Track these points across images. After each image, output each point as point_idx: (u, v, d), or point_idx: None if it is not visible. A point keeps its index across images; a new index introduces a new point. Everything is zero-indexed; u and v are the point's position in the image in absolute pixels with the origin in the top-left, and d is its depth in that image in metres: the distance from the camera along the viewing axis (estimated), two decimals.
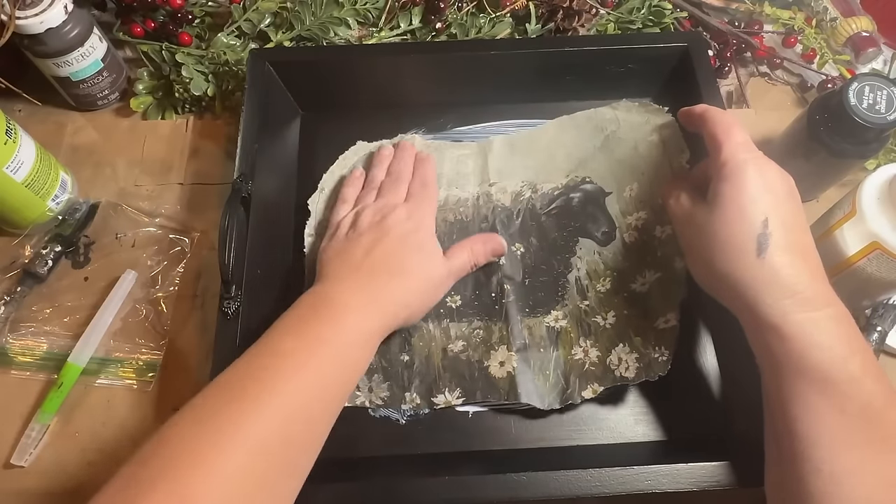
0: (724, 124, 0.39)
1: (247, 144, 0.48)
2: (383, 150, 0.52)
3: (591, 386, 0.44)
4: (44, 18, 0.49)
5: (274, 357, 0.36)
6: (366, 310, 0.40)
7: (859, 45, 0.60)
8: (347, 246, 0.43)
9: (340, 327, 0.38)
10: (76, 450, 0.45)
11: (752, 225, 0.35)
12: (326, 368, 0.37)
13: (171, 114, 0.58)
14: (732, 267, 0.36)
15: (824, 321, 0.33)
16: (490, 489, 0.38)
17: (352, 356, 0.39)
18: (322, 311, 0.39)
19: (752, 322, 0.36)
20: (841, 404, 0.32)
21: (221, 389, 0.35)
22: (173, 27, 0.57)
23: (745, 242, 0.35)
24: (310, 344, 0.37)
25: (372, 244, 0.43)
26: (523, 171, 0.52)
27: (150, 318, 0.49)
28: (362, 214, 0.45)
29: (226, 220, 0.43)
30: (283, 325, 0.38)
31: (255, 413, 0.33)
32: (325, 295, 0.40)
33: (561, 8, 0.59)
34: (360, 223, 0.45)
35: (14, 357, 0.48)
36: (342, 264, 0.42)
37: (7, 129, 0.46)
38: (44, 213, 0.51)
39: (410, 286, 0.42)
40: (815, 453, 0.32)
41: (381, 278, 0.41)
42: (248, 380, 0.35)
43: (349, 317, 0.39)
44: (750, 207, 0.36)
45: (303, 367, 0.36)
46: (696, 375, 0.46)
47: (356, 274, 0.41)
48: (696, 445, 0.43)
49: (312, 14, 0.57)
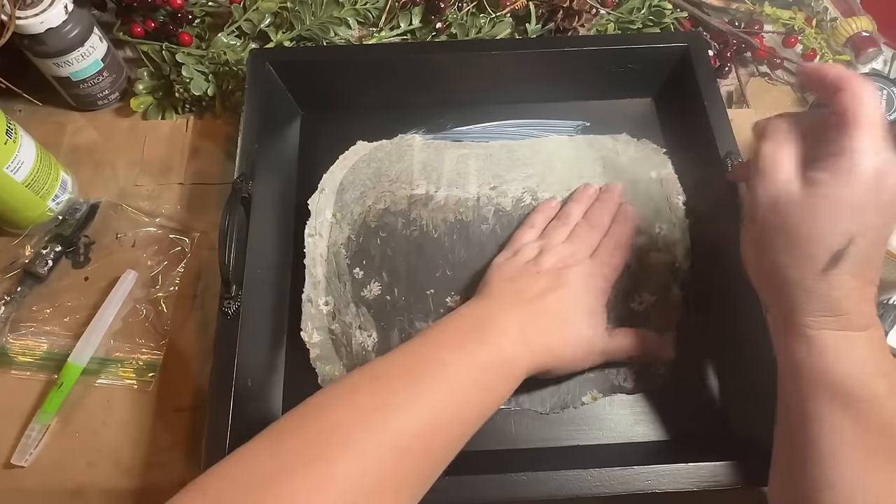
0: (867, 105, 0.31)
1: (247, 144, 0.48)
2: (588, 187, 0.50)
3: (591, 392, 0.45)
4: (44, 18, 0.49)
5: (430, 364, 0.36)
6: (524, 348, 0.39)
7: (859, 45, 0.60)
8: (524, 277, 0.43)
9: (498, 357, 0.38)
10: (76, 450, 0.45)
11: (836, 237, 0.31)
12: (474, 391, 0.36)
13: (171, 114, 0.58)
14: (791, 267, 0.33)
15: (859, 340, 0.32)
16: (490, 489, 0.38)
17: (498, 388, 0.38)
18: (484, 331, 0.39)
19: (783, 325, 0.34)
20: (862, 421, 0.31)
21: (374, 380, 0.35)
22: (173, 27, 0.57)
23: (819, 252, 0.32)
24: (466, 363, 0.37)
25: (547, 288, 0.42)
26: (524, 179, 0.52)
27: (150, 318, 0.49)
28: (548, 253, 0.45)
29: (226, 220, 0.43)
30: (441, 335, 0.38)
31: (407, 413, 0.33)
32: (491, 318, 0.40)
33: (561, 8, 0.59)
34: (543, 261, 0.44)
35: (14, 357, 0.48)
36: (514, 294, 0.42)
37: (7, 129, 0.46)
38: (44, 213, 0.51)
39: (568, 342, 0.41)
40: (830, 467, 0.31)
41: (545, 324, 0.41)
42: (404, 378, 0.35)
43: (507, 349, 0.38)
44: (846, 218, 0.31)
45: (456, 384, 0.35)
46: (696, 376, 0.46)
47: (524, 309, 0.41)
48: (696, 445, 0.43)
49: (312, 14, 0.57)
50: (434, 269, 0.49)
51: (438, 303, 0.48)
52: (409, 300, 0.48)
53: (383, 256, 0.49)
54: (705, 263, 0.48)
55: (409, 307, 0.47)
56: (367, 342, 0.46)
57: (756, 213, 0.34)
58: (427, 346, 0.37)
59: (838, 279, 0.32)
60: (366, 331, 0.47)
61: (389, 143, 0.54)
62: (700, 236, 0.49)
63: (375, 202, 0.51)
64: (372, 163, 0.53)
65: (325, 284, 0.48)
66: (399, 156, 0.53)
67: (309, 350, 0.45)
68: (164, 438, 0.45)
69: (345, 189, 0.52)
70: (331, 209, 0.51)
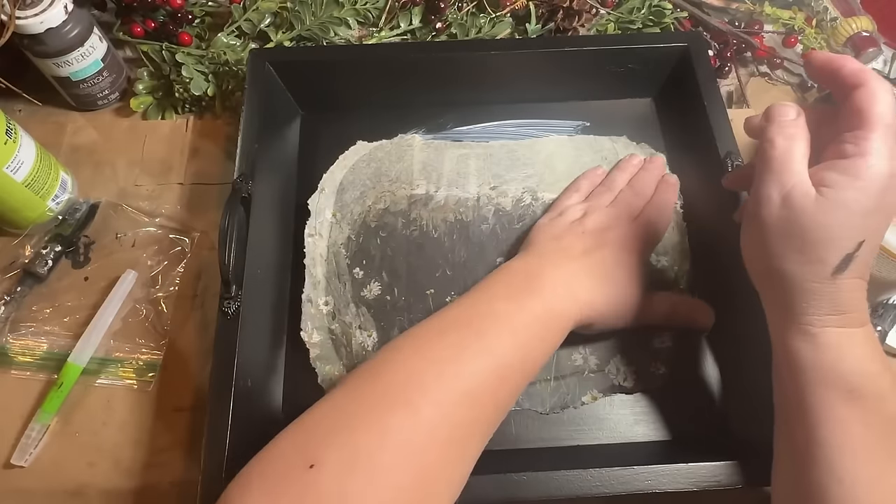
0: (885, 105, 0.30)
1: (247, 144, 0.48)
2: (633, 157, 0.52)
3: (591, 392, 0.45)
4: (44, 18, 0.49)
5: (489, 317, 0.37)
6: (571, 302, 0.40)
7: (859, 45, 0.60)
8: (569, 236, 0.44)
9: (550, 307, 0.39)
10: (76, 450, 0.45)
11: (848, 241, 0.31)
12: (532, 342, 0.38)
13: (171, 114, 0.58)
14: (799, 271, 0.32)
15: (858, 336, 0.33)
16: (490, 489, 0.38)
17: (551, 338, 0.39)
18: (534, 285, 0.40)
19: (784, 323, 0.34)
20: (867, 417, 0.32)
21: (442, 334, 0.37)
22: (173, 27, 0.57)
23: (831, 256, 0.31)
24: (522, 313, 0.38)
25: (592, 247, 0.43)
26: (524, 179, 0.52)
27: (150, 318, 0.49)
28: (593, 214, 0.46)
29: (226, 220, 0.43)
30: (494, 288, 0.40)
31: (476, 363, 0.35)
32: (540, 271, 0.41)
33: (561, 8, 0.59)
34: (588, 221, 0.45)
35: (14, 357, 0.48)
36: (559, 250, 0.43)
37: (7, 129, 0.46)
38: (44, 213, 0.51)
39: (611, 299, 0.42)
40: (837, 462, 0.31)
41: (590, 280, 0.42)
42: (467, 330, 0.37)
43: (556, 302, 0.40)
44: (858, 222, 0.31)
45: (517, 333, 0.37)
46: (696, 376, 0.46)
47: (570, 265, 0.42)
48: (696, 445, 0.43)
49: (312, 14, 0.57)
50: (434, 269, 0.49)
51: (438, 303, 0.48)
52: (409, 300, 0.48)
53: (383, 256, 0.49)
54: (705, 264, 0.48)
55: (409, 307, 0.47)
56: (367, 342, 0.46)
57: (761, 212, 0.33)
58: (481, 299, 0.39)
59: (846, 282, 0.32)
60: (366, 331, 0.47)
61: (389, 143, 0.54)
62: (699, 237, 0.49)
63: (375, 202, 0.51)
64: (372, 163, 0.53)
65: (325, 284, 0.48)
66: (399, 156, 0.53)
67: (309, 350, 0.45)
68: (164, 438, 0.45)
69: (345, 189, 0.52)
70: (331, 209, 0.51)
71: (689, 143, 0.52)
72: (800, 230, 0.31)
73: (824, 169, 0.31)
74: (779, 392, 0.36)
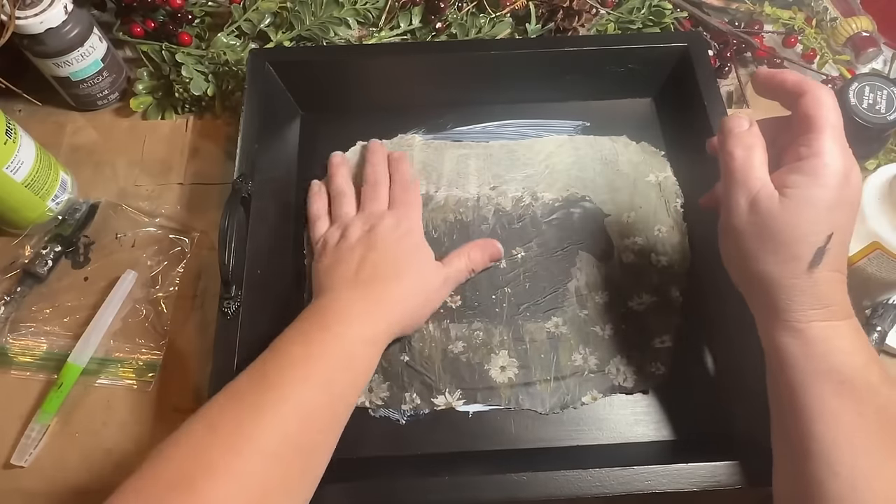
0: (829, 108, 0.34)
1: (247, 144, 0.48)
2: (335, 157, 0.52)
3: (591, 393, 0.45)
4: (44, 18, 0.49)
5: (282, 366, 0.37)
6: (367, 317, 0.40)
7: (859, 45, 0.60)
8: (340, 259, 0.44)
9: (344, 335, 0.39)
10: (76, 450, 0.45)
11: (817, 236, 0.33)
12: (334, 375, 0.37)
13: (171, 114, 0.58)
14: (777, 270, 0.34)
15: (845, 329, 0.34)
16: (490, 489, 0.38)
17: (357, 363, 0.39)
18: (326, 321, 0.40)
19: (770, 322, 0.35)
20: (859, 408, 0.32)
21: (232, 398, 0.36)
22: (173, 27, 0.57)
23: (803, 252, 0.33)
24: (315, 352, 0.38)
25: (364, 254, 0.43)
26: (524, 179, 0.52)
27: (150, 318, 0.49)
28: (350, 227, 0.46)
29: (226, 220, 0.43)
30: (289, 336, 0.39)
31: (268, 420, 0.34)
32: (327, 307, 0.41)
33: (561, 8, 0.59)
34: (350, 236, 0.45)
35: (14, 357, 0.47)
36: (338, 278, 0.43)
37: (7, 129, 0.46)
38: (44, 213, 0.51)
39: (408, 290, 0.43)
40: (833, 456, 0.32)
41: (379, 286, 0.42)
42: (259, 388, 0.36)
43: (352, 325, 0.40)
44: (823, 216, 0.33)
45: (311, 375, 0.36)
46: (696, 376, 0.46)
47: (353, 284, 0.42)
48: (696, 445, 0.43)
49: (312, 14, 0.57)
50: None
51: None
52: None
53: None
54: (705, 264, 0.48)
55: None
56: None
57: (733, 220, 0.35)
58: (278, 349, 0.38)
59: (822, 275, 0.33)
60: None
61: (389, 143, 0.54)
62: (699, 237, 0.49)
63: None
64: None
65: None
66: None
67: None
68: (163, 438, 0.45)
69: None
70: None
71: (689, 142, 0.52)
72: (770, 232, 0.34)
73: (785, 172, 0.34)
74: (772, 390, 0.36)
